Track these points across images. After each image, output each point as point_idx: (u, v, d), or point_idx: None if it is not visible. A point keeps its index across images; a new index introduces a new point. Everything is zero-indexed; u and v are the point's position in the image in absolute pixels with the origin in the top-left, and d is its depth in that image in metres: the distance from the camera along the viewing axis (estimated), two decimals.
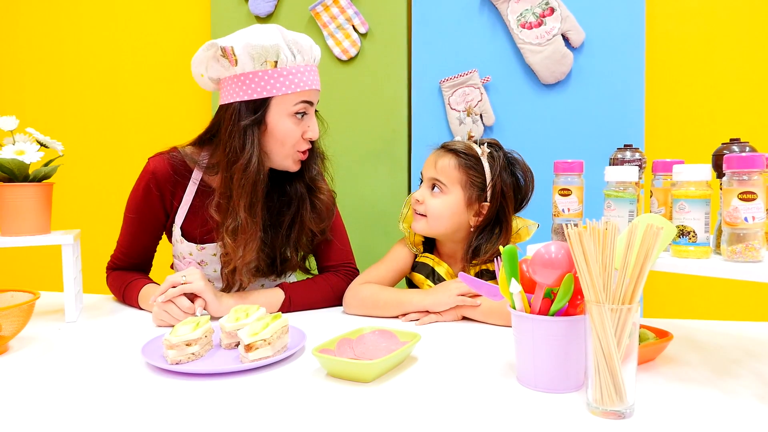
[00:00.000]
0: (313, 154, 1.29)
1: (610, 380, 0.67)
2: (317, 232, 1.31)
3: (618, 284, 0.68)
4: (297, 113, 1.18)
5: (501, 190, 1.20)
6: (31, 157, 1.12)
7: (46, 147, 1.20)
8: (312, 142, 1.26)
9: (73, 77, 2.46)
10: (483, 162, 1.20)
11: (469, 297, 1.13)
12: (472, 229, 1.23)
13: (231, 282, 1.24)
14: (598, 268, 0.69)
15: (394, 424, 0.67)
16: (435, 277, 1.25)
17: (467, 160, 1.20)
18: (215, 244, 1.28)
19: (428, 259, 1.27)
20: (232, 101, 1.17)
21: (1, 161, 1.10)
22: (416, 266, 1.29)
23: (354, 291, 1.23)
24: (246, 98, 1.15)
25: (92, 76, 2.44)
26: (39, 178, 1.16)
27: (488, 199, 1.20)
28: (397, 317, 1.17)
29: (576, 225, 0.72)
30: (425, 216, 1.22)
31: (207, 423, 0.68)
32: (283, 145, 1.19)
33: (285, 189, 1.29)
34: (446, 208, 1.20)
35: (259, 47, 1.13)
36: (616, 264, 0.69)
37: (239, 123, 1.15)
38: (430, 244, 1.31)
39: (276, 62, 1.14)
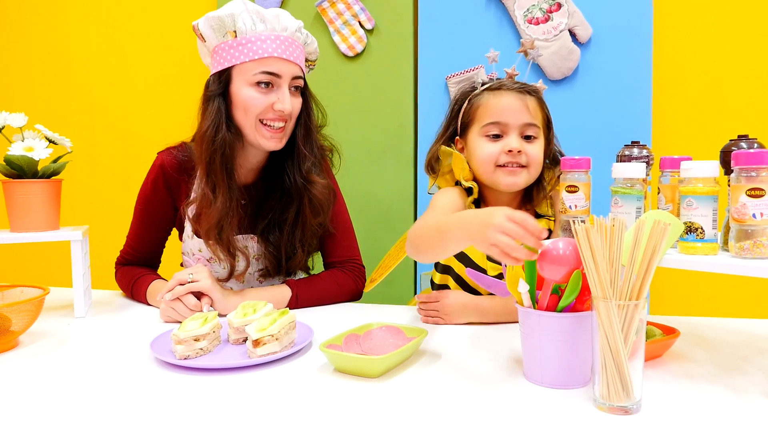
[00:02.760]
0: (306, 148, 1.25)
1: (617, 376, 0.67)
2: (316, 227, 1.30)
3: (625, 280, 0.68)
4: (259, 83, 1.16)
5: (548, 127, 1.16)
6: (40, 153, 1.13)
7: (55, 143, 1.21)
8: (307, 133, 1.25)
9: (81, 74, 2.47)
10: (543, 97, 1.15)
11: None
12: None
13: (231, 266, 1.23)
14: (605, 265, 0.69)
15: (401, 420, 0.67)
16: None
17: (541, 97, 1.14)
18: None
19: None
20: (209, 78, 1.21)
21: (11, 157, 1.11)
22: None
23: (412, 232, 1.04)
24: (214, 71, 1.19)
25: (99, 73, 2.45)
26: (48, 175, 1.17)
27: (552, 133, 1.16)
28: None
29: (583, 221, 0.72)
30: (526, 167, 1.10)
31: (215, 418, 0.68)
32: (246, 113, 1.17)
33: (284, 186, 1.27)
34: (541, 153, 1.12)
35: (217, 18, 1.15)
36: (623, 260, 0.69)
37: (205, 94, 1.19)
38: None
39: (235, 32, 1.15)
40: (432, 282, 1.30)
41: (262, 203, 1.30)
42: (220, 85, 1.18)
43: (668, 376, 0.80)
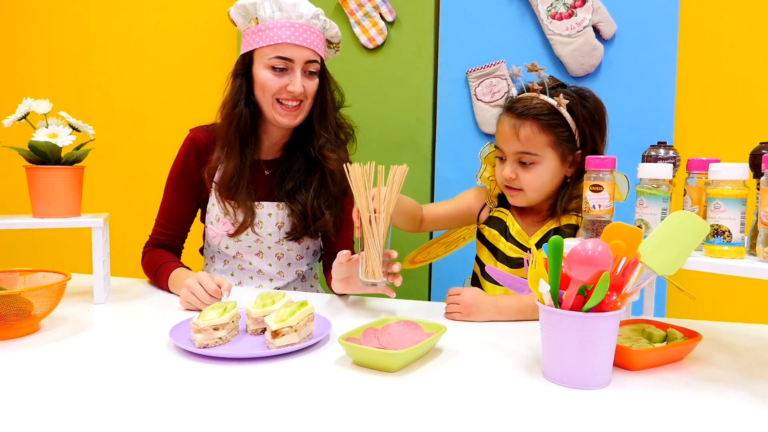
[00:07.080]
0: (320, 127, 1.35)
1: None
2: (339, 194, 1.38)
3: None
4: (274, 67, 1.26)
5: (589, 132, 1.15)
6: (64, 140, 1.14)
7: (78, 131, 1.22)
8: (322, 113, 1.34)
9: (102, 62, 2.48)
10: (563, 113, 1.13)
11: None
12: (568, 180, 1.18)
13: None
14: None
15: (419, 415, 0.67)
16: (507, 234, 1.22)
17: (549, 119, 1.12)
18: (250, 236, 1.35)
19: (502, 214, 1.25)
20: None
21: (35, 144, 1.12)
22: (490, 220, 1.26)
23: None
24: (241, 53, 1.31)
25: (122, 61, 2.46)
26: (71, 162, 1.18)
27: (579, 146, 1.15)
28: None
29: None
30: (521, 190, 1.17)
31: (232, 407, 0.69)
32: (263, 93, 1.29)
33: (308, 155, 1.37)
34: (543, 175, 1.15)
35: (242, 6, 1.28)
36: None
37: (232, 73, 1.32)
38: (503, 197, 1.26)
39: (257, 19, 1.27)
40: (474, 273, 1.37)
41: (286, 171, 1.38)
42: (244, 66, 1.31)
43: (690, 379, 0.79)
